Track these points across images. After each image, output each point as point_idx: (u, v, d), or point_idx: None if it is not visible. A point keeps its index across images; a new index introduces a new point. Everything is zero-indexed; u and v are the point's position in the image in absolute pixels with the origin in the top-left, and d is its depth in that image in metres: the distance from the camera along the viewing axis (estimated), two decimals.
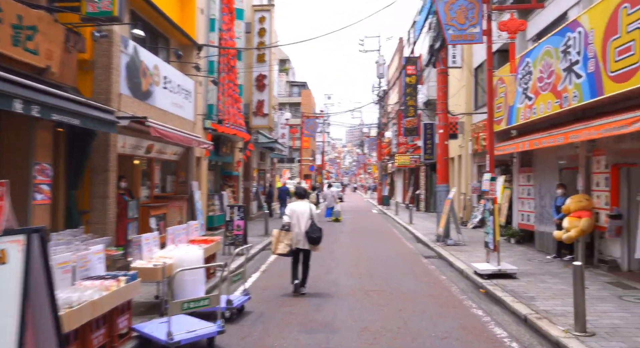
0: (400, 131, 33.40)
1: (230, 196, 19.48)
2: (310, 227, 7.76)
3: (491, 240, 8.69)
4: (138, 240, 6.52)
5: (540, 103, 10.26)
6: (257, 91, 21.33)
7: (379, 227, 19.22)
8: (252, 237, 14.66)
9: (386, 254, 11.94)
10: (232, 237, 11.46)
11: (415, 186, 30.63)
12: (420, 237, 14.86)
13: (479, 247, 12.27)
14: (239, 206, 11.67)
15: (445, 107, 14.06)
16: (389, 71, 41.06)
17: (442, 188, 13.81)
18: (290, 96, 61.28)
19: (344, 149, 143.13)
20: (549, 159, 11.31)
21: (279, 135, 29.16)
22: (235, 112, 17.87)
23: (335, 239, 14.97)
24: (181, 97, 12.84)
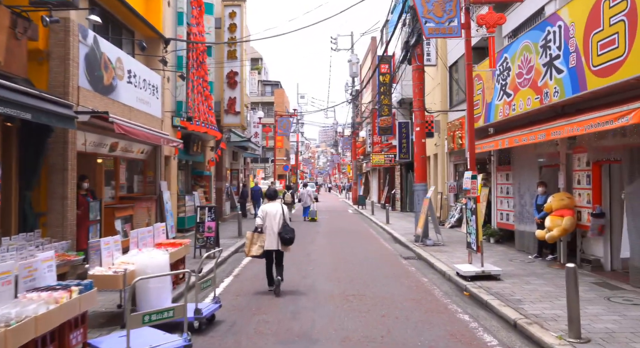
0: (375, 130, 33.18)
1: (201, 196, 18.84)
2: (283, 228, 7.78)
3: (474, 241, 8.38)
4: (96, 244, 5.93)
5: (520, 99, 10.03)
6: (228, 88, 20.71)
7: (356, 227, 18.86)
8: (224, 239, 14.10)
9: (364, 256, 11.55)
10: (202, 239, 10.90)
11: (390, 186, 30.42)
12: (398, 237, 14.53)
13: (458, 247, 12.01)
14: (210, 207, 11.11)
15: (422, 104, 13.76)
16: (361, 71, 40.84)
17: (420, 187, 13.51)
18: (263, 96, 60.56)
19: (318, 149, 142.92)
20: (528, 157, 11.10)
21: (252, 134, 28.56)
22: (205, 110, 17.26)
23: (311, 240, 14.52)
24: (148, 93, 12.20)
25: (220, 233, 15.76)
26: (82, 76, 8.64)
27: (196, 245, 10.88)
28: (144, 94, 11.94)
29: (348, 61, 36.29)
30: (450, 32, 9.53)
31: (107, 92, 9.73)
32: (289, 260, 10.46)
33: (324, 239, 14.90)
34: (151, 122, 12.50)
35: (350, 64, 35.97)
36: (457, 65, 17.48)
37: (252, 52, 57.17)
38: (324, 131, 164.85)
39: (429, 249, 11.84)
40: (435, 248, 11.91)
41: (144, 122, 11.78)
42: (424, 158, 13.66)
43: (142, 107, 11.82)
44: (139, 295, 5.97)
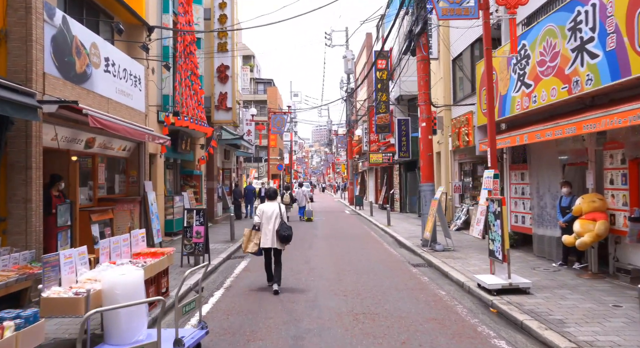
0: (372, 128, 32.18)
1: (191, 197, 17.73)
2: (280, 226, 7.94)
3: (498, 249, 7.35)
4: (54, 259, 4.83)
5: (542, 90, 9.02)
6: (219, 82, 19.60)
7: (356, 230, 17.81)
8: (215, 244, 13.01)
9: (370, 263, 10.50)
10: (190, 246, 9.80)
11: (388, 186, 29.42)
12: (403, 241, 13.50)
13: (471, 253, 11.00)
14: (199, 209, 10.02)
15: (427, 98, 12.74)
16: (356, 69, 39.83)
17: (427, 187, 12.49)
18: (256, 94, 59.38)
19: (311, 149, 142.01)
20: (549, 154, 10.10)
21: (245, 132, 27.46)
22: (195, 105, 16.18)
23: (309, 245, 13.45)
24: (129, 84, 11.09)
25: (211, 237, 14.67)
26: (48, 61, 7.53)
27: (183, 251, 9.79)
28: (125, 86, 10.82)
29: (343, 57, 35.26)
30: (467, 13, 8.54)
31: (80, 81, 8.61)
32: (287, 269, 9.42)
33: (323, 243, 13.84)
34: (133, 117, 11.39)
35: (345, 60, 34.95)
36: (461, 58, 16.48)
37: (244, 50, 56.04)
38: (317, 130, 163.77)
39: (439, 255, 10.82)
40: (445, 254, 10.89)
41: (125, 116, 10.68)
42: (430, 155, 12.65)
43: (123, 99, 10.71)
44: (107, 320, 4.89)
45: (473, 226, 14.47)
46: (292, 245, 12.97)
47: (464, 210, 16.25)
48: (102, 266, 5.51)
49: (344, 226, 19.49)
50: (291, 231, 8.01)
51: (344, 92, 37.44)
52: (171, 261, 7.26)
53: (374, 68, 27.58)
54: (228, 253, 11.72)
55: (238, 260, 11.17)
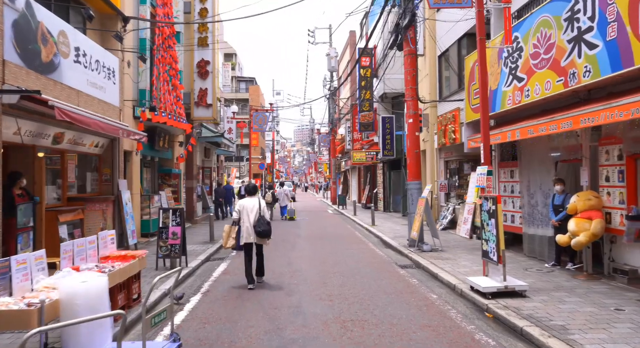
0: (355, 126, 31.80)
1: (169, 196, 17.10)
2: (257, 221, 7.95)
3: (493, 249, 6.96)
4: (3, 265, 4.27)
5: (536, 84, 8.67)
6: (199, 78, 18.99)
7: (340, 230, 17.36)
8: (194, 245, 12.45)
9: (355, 264, 10.06)
10: (166, 248, 9.24)
11: (372, 185, 29.07)
12: (389, 241, 13.09)
13: (459, 253, 10.64)
14: (175, 209, 9.45)
15: (415, 93, 12.36)
16: (339, 67, 39.42)
17: (414, 185, 12.10)
18: (238, 92, 58.64)
19: (293, 149, 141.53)
20: (540, 151, 9.78)
21: (226, 130, 26.82)
22: (173, 100, 15.58)
23: (292, 246, 12.96)
24: (102, 76, 10.48)
25: (189, 238, 14.09)
26: (9, 47, 6.92)
27: (159, 254, 9.21)
28: (97, 78, 10.21)
29: (326, 55, 34.80)
30: (459, 1, 8.13)
31: (47, 70, 8.00)
32: (269, 271, 8.95)
33: (306, 244, 13.36)
34: (107, 111, 10.78)
35: (328, 58, 34.49)
36: (448, 54, 16.16)
37: (226, 48, 55.26)
38: (299, 130, 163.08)
39: (427, 256, 10.42)
40: (433, 255, 10.50)
41: (97, 111, 10.07)
42: (417, 153, 12.26)
43: (95, 92, 10.09)
44: (65, 333, 4.36)
45: (460, 225, 14.17)
46: (274, 246, 12.48)
47: (450, 209, 15.93)
48: (62, 273, 4.95)
49: (328, 226, 19.04)
50: (269, 226, 8.03)
51: (327, 90, 37.03)
52: (143, 265, 6.72)
53: (357, 65, 27.22)
54: (207, 254, 11.17)
55: (217, 262, 10.63)
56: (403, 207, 22.31)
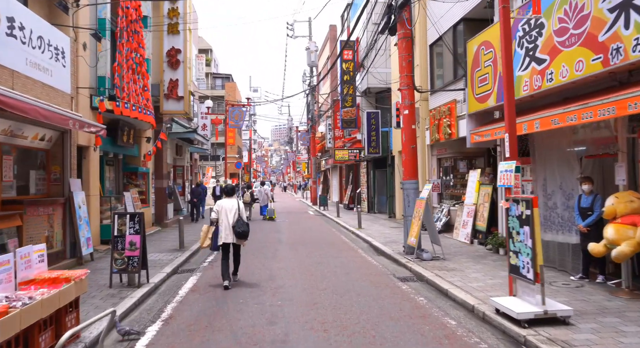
0: (337, 123, 30.43)
1: (136, 197, 15.43)
2: (236, 222, 7.98)
3: (525, 265, 5.60)
4: None
5: (562, 65, 7.37)
6: (169, 68, 17.36)
7: (324, 234, 15.92)
8: (160, 253, 10.87)
9: (348, 278, 8.63)
10: (122, 261, 7.66)
11: (354, 185, 27.73)
12: (381, 248, 11.71)
13: (465, 262, 9.32)
14: (133, 214, 7.87)
15: (411, 81, 11.01)
16: (318, 62, 37.99)
17: (410, 184, 10.75)
18: (213, 89, 56.68)
19: (271, 148, 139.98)
20: (560, 145, 8.51)
21: (200, 126, 25.15)
22: (140, 91, 13.93)
23: (273, 254, 11.47)
24: (47, 57, 8.84)
25: (156, 245, 12.49)
26: None
27: (113, 268, 7.63)
28: (41, 58, 8.57)
29: (306, 49, 33.36)
30: None
31: None
32: (246, 288, 7.49)
33: (288, 251, 11.88)
34: (55, 98, 9.15)
35: (308, 52, 33.06)
36: (441, 42, 14.86)
37: (201, 43, 53.34)
38: (277, 130, 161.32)
39: (429, 266, 9.08)
40: (436, 264, 9.16)
41: (41, 97, 8.45)
42: (414, 148, 10.92)
43: (38, 75, 8.46)
44: None
45: (458, 229, 12.88)
46: (252, 254, 11.00)
47: (444, 211, 14.66)
48: None
49: (310, 229, 17.58)
50: (247, 227, 8.07)
51: (307, 86, 35.61)
52: (82, 289, 5.17)
53: (339, 59, 25.86)
54: (175, 265, 9.62)
55: (186, 275, 9.09)
56: (389, 208, 21.02)
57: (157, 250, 11.59)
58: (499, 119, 10.40)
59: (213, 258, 10.99)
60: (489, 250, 10.76)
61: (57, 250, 9.21)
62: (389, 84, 22.19)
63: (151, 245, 12.47)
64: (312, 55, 32.99)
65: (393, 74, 19.09)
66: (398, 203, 19.37)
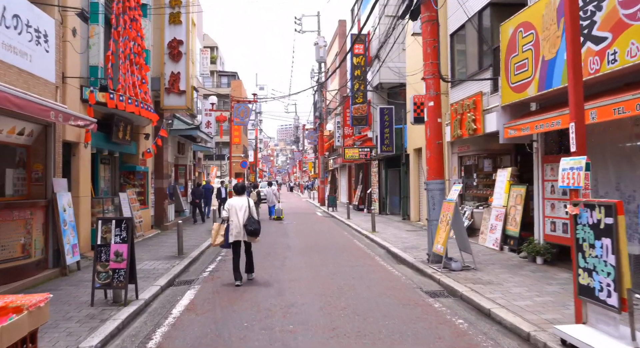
0: (346, 121, 29.30)
1: (133, 198, 14.38)
2: (248, 220, 8.02)
3: (606, 287, 4.42)
4: None
5: (632, 42, 6.17)
6: (170, 60, 16.27)
7: (336, 238, 14.77)
8: (156, 261, 9.76)
9: (369, 292, 7.49)
10: (106, 274, 6.54)
11: (364, 185, 26.56)
12: (400, 255, 10.55)
13: (499, 272, 8.16)
14: (120, 219, 6.75)
15: (436, 69, 9.86)
16: (327, 57, 36.86)
17: (436, 185, 9.59)
18: (219, 87, 55.67)
19: (277, 148, 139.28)
20: (616, 139, 7.33)
21: (204, 124, 24.06)
22: (138, 83, 12.88)
23: (281, 263, 10.34)
24: (26, 39, 7.76)
25: (153, 251, 11.41)
26: None
27: (95, 282, 6.52)
28: (17, 40, 7.49)
29: (314, 44, 32.20)
30: None
31: None
32: (253, 306, 6.36)
33: (298, 259, 10.75)
34: (35, 86, 8.07)
35: (316, 47, 31.90)
36: (463, 31, 13.70)
37: (207, 40, 52.37)
38: (282, 129, 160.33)
39: (460, 277, 7.92)
40: (468, 276, 8.00)
41: (17, 84, 7.39)
42: (440, 144, 9.76)
43: (12, 59, 7.38)
44: None
45: (485, 233, 11.70)
46: (259, 263, 9.89)
47: (467, 214, 13.47)
48: None
49: (320, 232, 16.43)
50: (259, 225, 8.15)
51: (315, 82, 34.52)
52: (42, 319, 4.03)
53: (350, 54, 24.73)
54: (170, 276, 8.50)
55: (183, 288, 7.97)
56: (403, 210, 19.85)
57: (152, 257, 10.49)
58: (537, 111, 9.23)
59: (214, 267, 9.88)
60: (524, 258, 9.58)
61: (36, 259, 8.11)
62: (403, 79, 21.03)
63: (147, 251, 11.38)
64: (320, 50, 31.84)
65: (408, 67, 17.92)
66: (413, 205, 18.19)
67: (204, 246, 12.37)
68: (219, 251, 12.02)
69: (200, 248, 12.09)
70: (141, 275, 8.35)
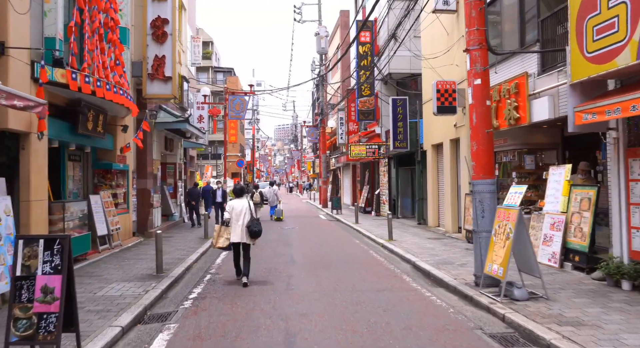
0: (351, 116, 27.15)
1: (109, 202, 12.24)
2: (251, 222, 8.08)
3: None
4: None
5: None
6: (154, 42, 14.08)
7: (347, 248, 12.59)
8: (124, 283, 7.53)
9: (413, 339, 5.32)
10: (27, 322, 4.35)
11: (371, 185, 24.40)
12: (435, 274, 8.38)
13: (580, 303, 5.98)
14: (51, 238, 4.56)
15: (484, 37, 7.77)
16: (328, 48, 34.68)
17: (484, 185, 7.44)
18: (215, 84, 53.48)
19: (274, 148, 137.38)
20: None
21: (195, 118, 21.88)
22: (110, 64, 10.78)
23: (286, 284, 8.15)
24: None
25: (127, 268, 9.10)
26: None
27: (10, 336, 4.32)
28: None
29: (315, 35, 30.08)
30: None
31: None
32: None
33: (307, 280, 8.56)
34: None
35: (317, 38, 29.76)
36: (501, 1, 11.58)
37: (202, 35, 50.17)
38: (279, 129, 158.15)
39: (532, 312, 5.76)
40: (541, 310, 5.84)
41: None
42: (490, 134, 7.63)
43: None
44: None
45: (538, 246, 9.52)
46: (257, 286, 7.73)
47: None
48: None
49: (328, 240, 14.24)
50: (261, 226, 8.20)
51: (316, 75, 32.39)
52: None
53: (355, 43, 22.60)
54: (140, 308, 6.31)
55: (154, 329, 5.78)
56: (419, 213, 17.68)
57: (123, 277, 8.30)
58: (618, 90, 7.09)
59: (201, 292, 7.70)
60: (600, 280, 7.43)
61: None
62: (415, 69, 18.93)
63: (119, 268, 9.19)
64: (322, 41, 29.68)
65: (425, 49, 15.73)
66: (431, 208, 16.03)
67: (191, 260, 10.21)
68: (209, 266, 9.91)
69: (186, 262, 9.92)
70: (99, 307, 6.19)
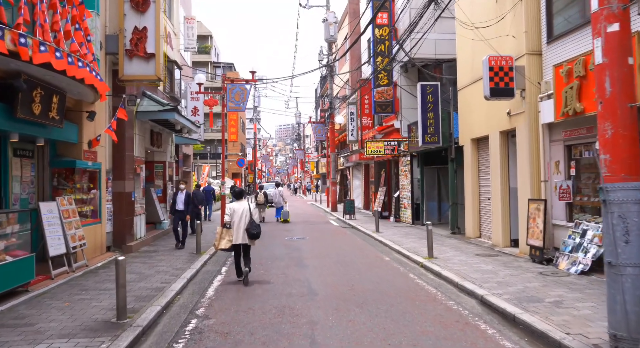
0: (364, 110, 24.39)
1: (70, 210, 9.52)
2: (250, 224, 8.38)
3: None
4: None
5: None
6: (133, 10, 11.37)
7: (377, 270, 9.77)
8: (60, 343, 4.70)
9: None
10: None
11: (388, 186, 21.60)
12: (533, 325, 5.59)
13: None
14: None
15: None
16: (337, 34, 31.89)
17: (628, 191, 4.68)
18: (214, 79, 50.79)
19: (275, 148, 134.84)
20: None
21: (189, 110, 19.10)
22: (67, 27, 8.08)
23: (310, 340, 5.37)
24: None
25: (77, 306, 5.81)
26: None
27: None
28: None
29: (323, 21, 27.34)
30: None
31: None
32: None
33: (337, 330, 5.78)
34: None
35: (325, 24, 27.03)
36: None
37: (201, 29, 47.52)
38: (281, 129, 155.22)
39: None
40: None
41: None
42: (634, 108, 4.85)
43: None
44: None
45: None
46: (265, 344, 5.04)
47: (589, 235, 8.56)
48: None
49: (350, 257, 11.41)
50: (260, 229, 8.54)
51: (323, 64, 29.65)
52: None
53: (371, 26, 19.85)
54: None
55: None
56: (452, 221, 14.88)
57: (63, 328, 5.51)
58: None
59: None
60: None
61: None
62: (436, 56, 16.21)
63: (67, 307, 6.40)
64: (330, 28, 26.93)
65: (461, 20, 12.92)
66: (470, 216, 13.25)
67: (173, 291, 7.46)
68: (197, 302, 7.15)
69: (165, 295, 7.18)
70: None
